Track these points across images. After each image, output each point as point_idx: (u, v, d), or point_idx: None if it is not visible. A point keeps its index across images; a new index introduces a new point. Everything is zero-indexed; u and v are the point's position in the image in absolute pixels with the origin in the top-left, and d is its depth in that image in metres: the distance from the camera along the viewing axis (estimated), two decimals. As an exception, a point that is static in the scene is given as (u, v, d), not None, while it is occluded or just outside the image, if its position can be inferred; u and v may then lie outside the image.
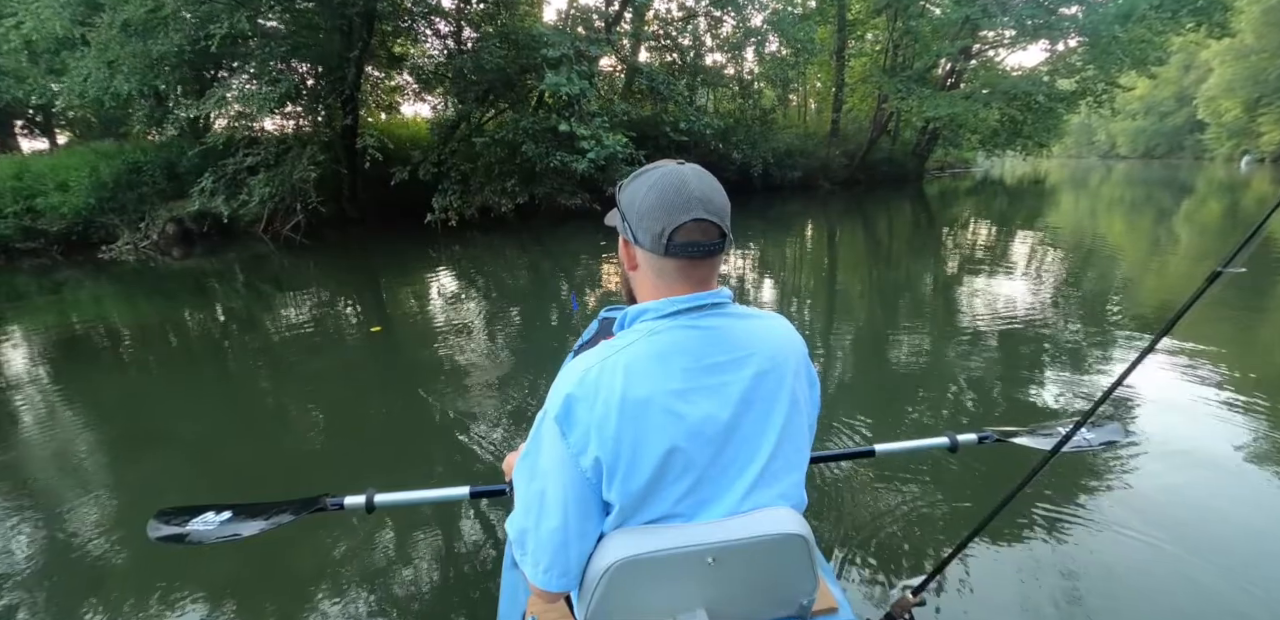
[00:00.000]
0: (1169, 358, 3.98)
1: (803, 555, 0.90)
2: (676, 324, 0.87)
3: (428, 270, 8.35)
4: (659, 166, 0.89)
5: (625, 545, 0.84)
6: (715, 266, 0.91)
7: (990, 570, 1.98)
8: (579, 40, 11.24)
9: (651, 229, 0.85)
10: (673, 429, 0.84)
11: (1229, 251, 0.90)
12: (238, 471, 2.98)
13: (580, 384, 0.83)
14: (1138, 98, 52.45)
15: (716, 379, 0.87)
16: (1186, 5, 18.98)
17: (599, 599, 0.86)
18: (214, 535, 1.22)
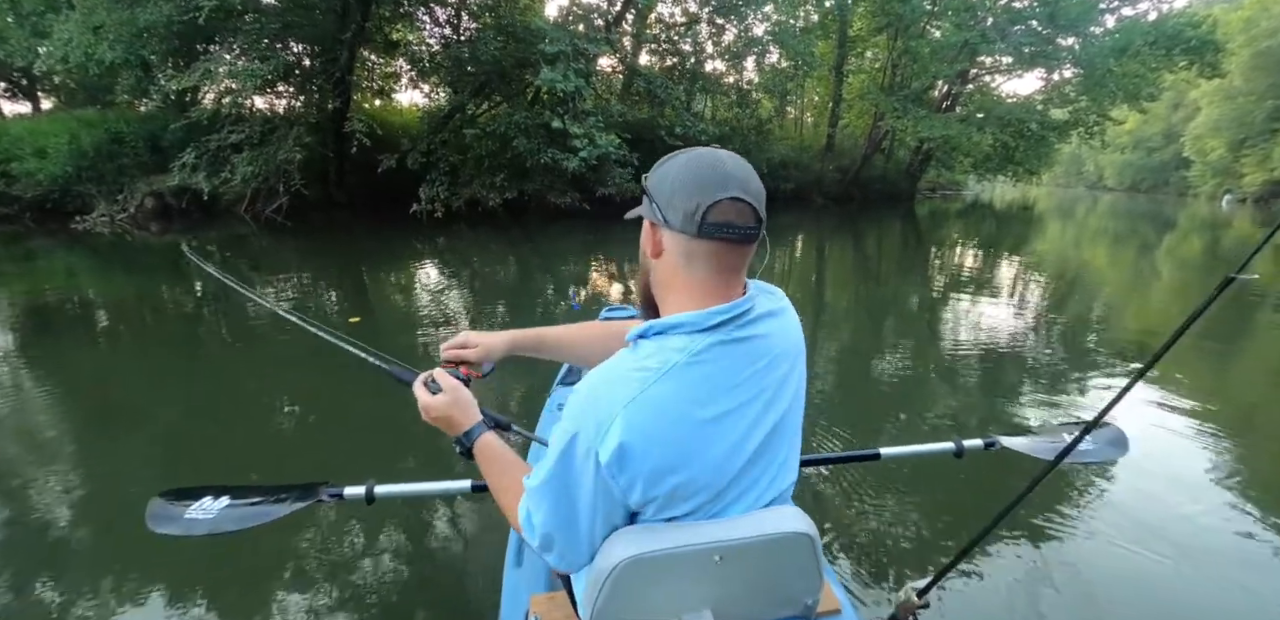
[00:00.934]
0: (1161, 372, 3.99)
1: (808, 554, 0.89)
2: (716, 340, 0.82)
3: (411, 261, 8.20)
4: (690, 149, 0.85)
5: (632, 543, 0.83)
6: (747, 257, 0.86)
7: (995, 574, 1.98)
8: (578, 38, 11.15)
9: (684, 206, 0.79)
10: (718, 454, 0.82)
11: (1242, 259, 0.89)
12: (210, 456, 2.85)
13: (629, 429, 0.77)
14: (1127, 132, 53.32)
15: (754, 392, 0.84)
16: (1180, 44, 19.34)
17: (605, 597, 0.84)
18: (211, 527, 1.20)
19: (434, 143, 10.45)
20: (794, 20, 17.68)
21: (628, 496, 0.81)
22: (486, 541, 2.15)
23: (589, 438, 0.79)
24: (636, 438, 0.77)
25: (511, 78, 11.41)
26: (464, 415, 1.03)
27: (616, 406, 0.78)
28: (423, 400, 1.05)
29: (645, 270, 0.92)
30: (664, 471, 0.79)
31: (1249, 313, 6.63)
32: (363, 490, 1.27)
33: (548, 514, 0.85)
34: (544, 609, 1.13)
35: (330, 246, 8.95)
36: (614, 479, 0.79)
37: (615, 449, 0.77)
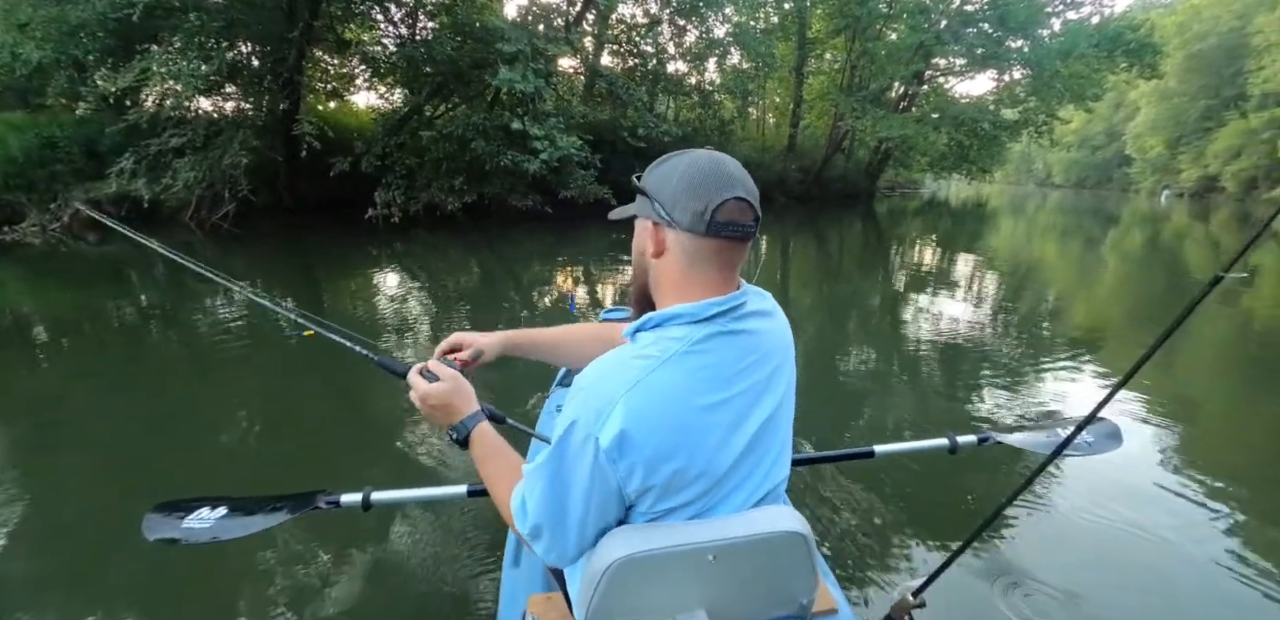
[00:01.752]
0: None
1: (803, 554, 0.88)
2: (713, 331, 0.83)
3: (368, 268, 7.77)
4: (688, 151, 0.86)
5: (626, 543, 0.82)
6: (745, 254, 0.87)
7: (991, 572, 1.95)
8: (537, 37, 10.79)
9: (693, 207, 0.81)
10: (715, 442, 0.82)
11: (1230, 257, 0.88)
12: (154, 479, 2.65)
13: (629, 415, 0.77)
14: (1073, 131, 54.86)
15: (748, 384, 0.85)
16: (1121, 46, 19.86)
17: (599, 598, 0.83)
18: (209, 535, 1.18)
19: (389, 146, 9.97)
20: (754, 22, 17.62)
21: (626, 484, 0.80)
22: (484, 543, 2.15)
23: (588, 424, 0.78)
24: (637, 423, 0.76)
25: (470, 78, 11.00)
26: (463, 403, 1.02)
27: (618, 392, 0.77)
28: (421, 388, 1.02)
29: (642, 270, 0.91)
30: (663, 457, 0.79)
31: (1222, 307, 6.62)
32: (359, 497, 1.26)
33: (540, 499, 0.83)
34: (541, 609, 1.13)
35: (282, 254, 8.46)
36: (613, 465, 0.78)
37: (616, 434, 0.76)
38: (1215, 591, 1.91)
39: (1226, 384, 3.91)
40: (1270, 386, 4.10)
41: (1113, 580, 1.95)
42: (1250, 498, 2.45)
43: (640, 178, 0.89)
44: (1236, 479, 2.60)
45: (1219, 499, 2.43)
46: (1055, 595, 1.87)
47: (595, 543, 0.85)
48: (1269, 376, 4.34)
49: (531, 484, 0.85)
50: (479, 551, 2.12)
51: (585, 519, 0.82)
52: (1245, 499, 2.44)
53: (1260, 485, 2.58)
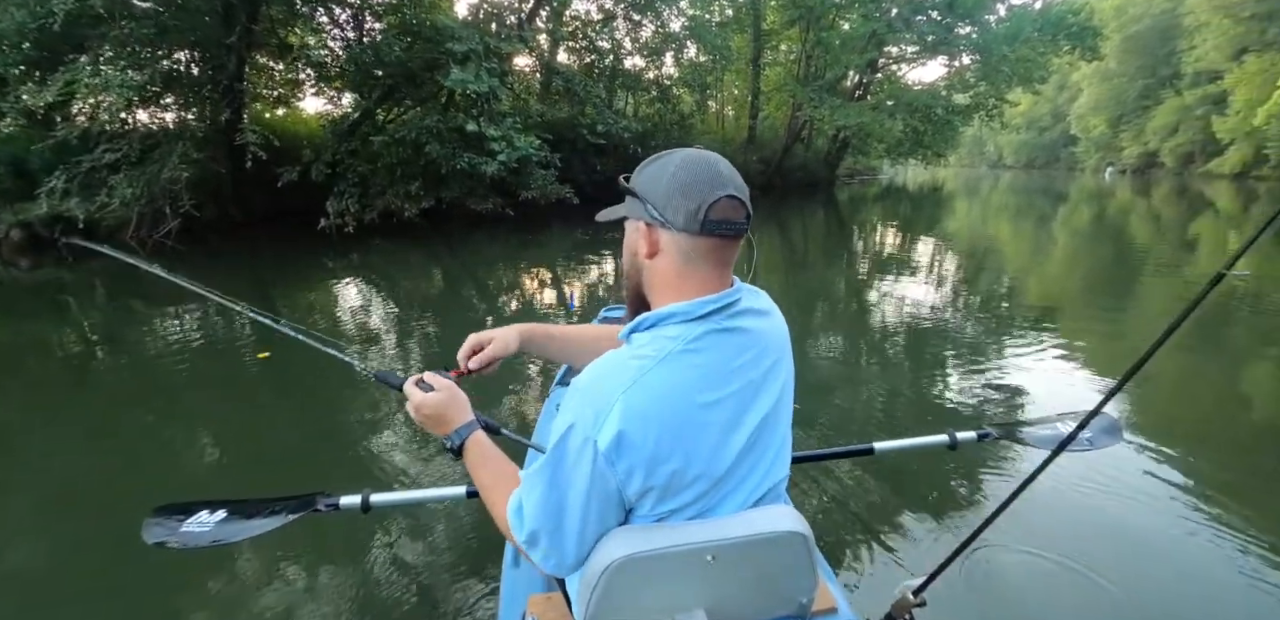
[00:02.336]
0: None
1: (802, 553, 0.87)
2: (708, 328, 0.81)
3: (325, 281, 7.33)
4: (675, 151, 0.84)
5: (625, 543, 0.80)
6: (737, 251, 0.86)
7: (993, 571, 1.91)
8: (489, 36, 10.39)
9: (686, 206, 0.79)
10: (714, 441, 0.81)
11: (1232, 255, 0.87)
12: (102, 518, 2.45)
13: (626, 416, 0.75)
14: (1020, 113, 55.81)
15: (744, 382, 0.83)
16: (1063, 30, 20.16)
17: (599, 598, 0.81)
18: (209, 538, 1.16)
19: (340, 153, 9.47)
20: (709, 15, 17.38)
21: (626, 486, 0.78)
22: (484, 544, 2.11)
23: (586, 427, 0.77)
24: (635, 424, 0.75)
25: (422, 80, 10.52)
26: (458, 412, 1.01)
27: (615, 394, 0.76)
28: (416, 399, 1.01)
29: (636, 270, 0.89)
30: (662, 458, 0.77)
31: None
32: (358, 499, 1.24)
33: (538, 503, 0.81)
34: (541, 609, 1.12)
35: (232, 271, 7.97)
36: (612, 467, 0.76)
37: (614, 435, 0.75)
38: (1222, 589, 1.85)
39: (1221, 374, 3.83)
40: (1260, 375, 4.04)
41: (1116, 578, 1.89)
42: (1252, 493, 2.39)
43: (629, 179, 0.87)
44: (1237, 474, 2.54)
45: (1222, 494, 2.36)
46: (1058, 593, 1.82)
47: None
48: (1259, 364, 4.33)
49: (529, 488, 0.82)
50: (479, 552, 2.09)
51: (584, 524, 0.80)
52: (1247, 495, 2.37)
53: (1261, 481, 2.53)
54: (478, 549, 2.11)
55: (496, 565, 1.40)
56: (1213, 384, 3.72)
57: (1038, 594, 1.84)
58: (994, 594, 1.82)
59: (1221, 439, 2.95)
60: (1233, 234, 12.30)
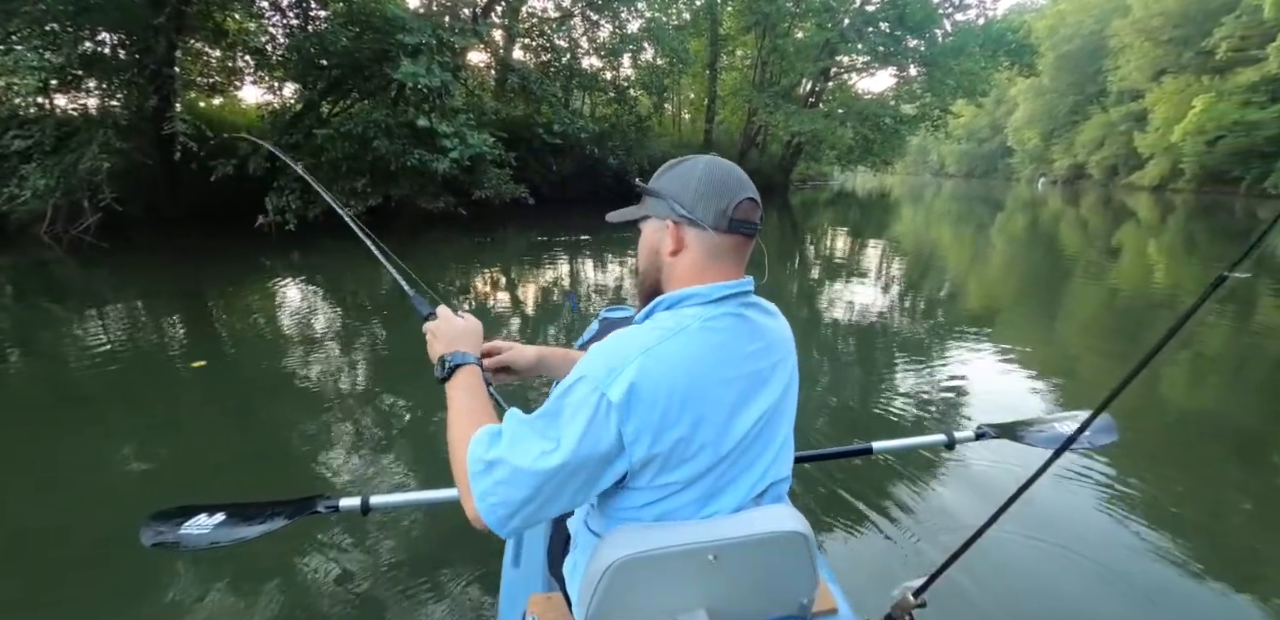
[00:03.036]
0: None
1: (803, 553, 0.86)
2: (724, 311, 0.84)
3: (264, 282, 6.78)
4: (696, 156, 0.90)
5: (626, 544, 0.80)
6: (750, 250, 0.91)
7: (994, 571, 1.87)
8: (442, 29, 9.92)
9: (716, 205, 0.85)
10: (722, 418, 0.81)
11: (1235, 257, 0.87)
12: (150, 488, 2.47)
13: (642, 372, 0.75)
14: (961, 125, 57.83)
15: (753, 369, 0.85)
16: (1003, 47, 20.81)
17: (600, 598, 0.81)
18: (207, 540, 1.13)
19: (281, 146, 8.84)
20: (667, 18, 17.19)
21: (632, 450, 0.76)
22: (484, 544, 2.01)
23: (598, 379, 0.76)
24: (649, 382, 0.75)
25: (370, 73, 9.96)
26: (471, 341, 1.01)
27: (633, 353, 0.77)
28: (444, 315, 1.04)
29: (656, 267, 0.91)
30: (670, 422, 0.77)
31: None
32: (358, 501, 1.22)
33: (522, 435, 0.77)
34: (541, 609, 1.11)
35: (161, 270, 7.32)
36: (623, 424, 0.75)
37: (626, 390, 0.74)
38: (1222, 588, 1.83)
39: (1214, 374, 3.91)
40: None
41: (1118, 578, 1.87)
42: (1252, 489, 2.37)
43: (647, 182, 0.92)
44: (1237, 469, 2.52)
45: (1223, 492, 2.33)
46: (1059, 593, 1.80)
47: (549, 519, 0.80)
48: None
49: (517, 422, 0.80)
50: (478, 552, 2.05)
51: (556, 477, 0.74)
52: (1247, 493, 2.35)
53: (1263, 475, 2.53)
54: (477, 550, 2.07)
55: (496, 565, 1.40)
56: (1208, 379, 3.78)
57: (1038, 595, 1.81)
58: (995, 595, 1.79)
59: (1221, 434, 2.93)
60: (1152, 242, 13.33)
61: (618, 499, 0.85)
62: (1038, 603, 1.79)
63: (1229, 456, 2.73)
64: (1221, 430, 3.07)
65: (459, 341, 1.00)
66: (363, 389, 3.70)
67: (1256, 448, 2.94)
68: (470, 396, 0.92)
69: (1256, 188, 33.84)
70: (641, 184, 0.92)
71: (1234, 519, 2.19)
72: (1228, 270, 0.89)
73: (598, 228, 11.85)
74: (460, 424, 0.87)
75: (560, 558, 1.07)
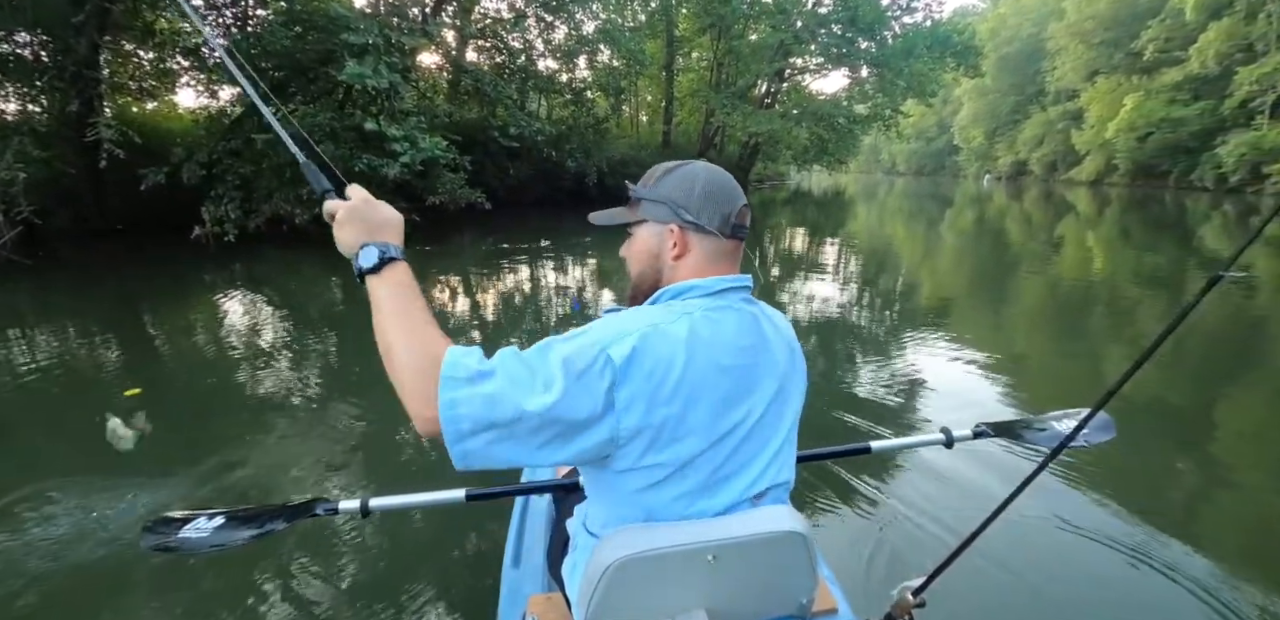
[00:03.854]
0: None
1: (802, 553, 0.86)
2: (725, 303, 0.85)
3: (206, 297, 6.25)
4: (688, 162, 0.91)
5: (625, 544, 0.79)
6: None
7: (993, 570, 1.86)
8: (390, 28, 9.44)
9: (721, 211, 0.87)
10: (715, 403, 0.79)
11: (1228, 257, 0.86)
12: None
13: (646, 340, 0.75)
14: (911, 124, 59.06)
15: (751, 362, 0.84)
16: (950, 48, 21.08)
17: (599, 598, 0.80)
18: (207, 543, 1.11)
19: (218, 152, 8.24)
20: (622, 19, 16.88)
21: (623, 417, 0.74)
22: (484, 545, 2.07)
23: (604, 339, 0.75)
24: (651, 351, 0.75)
25: (315, 74, 9.43)
26: (397, 235, 0.88)
27: (641, 323, 0.77)
28: (360, 196, 0.89)
29: (655, 271, 0.91)
30: (664, 397, 0.75)
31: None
32: (357, 504, 1.19)
33: (508, 367, 0.72)
34: (541, 609, 1.12)
35: (90, 288, 6.71)
36: (617, 388, 0.73)
37: (629, 353, 0.73)
38: (1224, 588, 1.78)
39: (1207, 370, 3.86)
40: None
41: (1118, 576, 1.84)
42: (1252, 486, 2.31)
43: (643, 187, 0.92)
44: (1235, 467, 2.46)
45: (1221, 488, 2.27)
46: (1060, 593, 1.77)
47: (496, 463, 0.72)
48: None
49: (511, 354, 0.74)
50: (478, 553, 2.04)
51: (534, 419, 0.70)
52: (1247, 490, 2.29)
53: (1262, 471, 2.47)
54: (477, 550, 2.06)
55: (496, 566, 1.37)
56: (1205, 374, 3.71)
57: (1038, 593, 1.77)
58: (994, 594, 1.76)
59: (1220, 429, 2.87)
60: (1090, 234, 13.93)
61: (609, 483, 0.82)
62: (1037, 601, 1.75)
63: (1229, 454, 2.65)
64: (1222, 426, 3.00)
65: (385, 231, 0.86)
66: (318, 405, 3.41)
67: (1257, 445, 2.86)
68: (412, 296, 0.80)
69: (1184, 180, 35.36)
70: (639, 188, 0.92)
71: (1235, 518, 2.13)
72: (1223, 271, 0.86)
73: (557, 232, 11.51)
74: (406, 322, 0.76)
75: (560, 558, 1.06)
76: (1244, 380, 3.90)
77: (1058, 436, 1.26)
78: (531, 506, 1.57)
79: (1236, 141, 30.29)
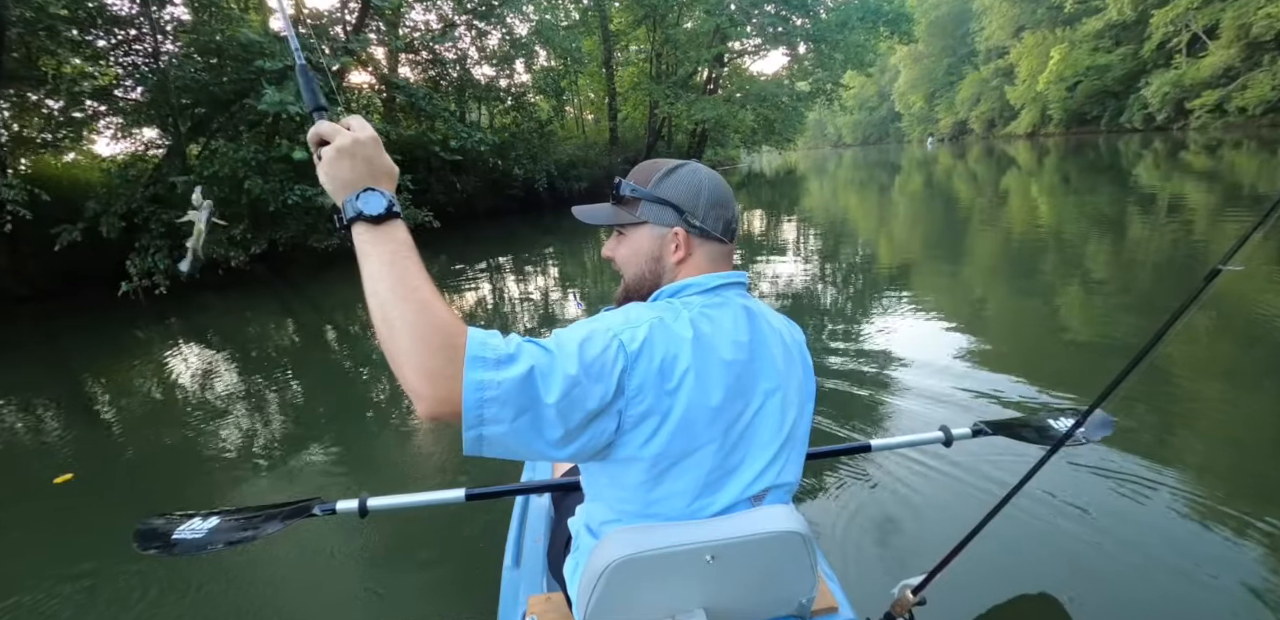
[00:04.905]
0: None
1: (801, 553, 0.83)
2: (720, 300, 0.83)
3: (143, 355, 5.60)
4: (688, 163, 0.89)
5: (625, 544, 0.77)
6: None
7: (992, 568, 1.76)
8: (308, 50, 8.73)
9: (723, 216, 0.87)
10: (718, 398, 0.77)
11: (1228, 250, 0.84)
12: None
13: (654, 331, 0.74)
14: (852, 96, 59.07)
15: (748, 357, 0.81)
16: (882, 17, 20.83)
17: (598, 598, 0.78)
18: (203, 544, 1.09)
19: (138, 200, 7.50)
20: (555, 19, 16.17)
21: (631, 404, 0.72)
22: (484, 545, 1.96)
23: (615, 328, 0.73)
24: (659, 342, 0.74)
25: (236, 107, 8.72)
26: (389, 172, 0.76)
27: (648, 316, 0.76)
28: (363, 126, 0.74)
29: (655, 274, 0.89)
30: (671, 389, 0.73)
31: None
32: (355, 504, 1.19)
33: (529, 351, 0.67)
34: (541, 610, 1.08)
35: (21, 360, 6.02)
36: (628, 375, 0.71)
37: (642, 341, 0.72)
38: (1224, 586, 1.70)
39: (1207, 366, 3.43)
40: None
41: (1118, 573, 1.77)
42: (1251, 485, 2.19)
43: (641, 186, 0.88)
44: (1235, 465, 2.33)
45: (1220, 486, 2.15)
46: (1058, 590, 1.71)
47: (510, 451, 0.68)
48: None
49: (526, 338, 0.70)
50: (478, 553, 1.95)
51: (555, 406, 0.66)
52: (1246, 487, 2.17)
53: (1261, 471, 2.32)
54: (476, 550, 1.99)
55: (496, 566, 1.32)
56: (1205, 368, 3.33)
57: (1037, 590, 1.72)
58: (994, 592, 1.71)
59: (1219, 424, 2.68)
60: (1034, 184, 14.27)
61: (610, 476, 0.80)
62: (1037, 599, 1.69)
63: (1230, 452, 2.48)
64: (1222, 423, 2.74)
65: (387, 180, 0.74)
66: (282, 463, 2.99)
67: (1257, 442, 2.59)
68: (415, 259, 0.70)
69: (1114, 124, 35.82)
70: (638, 187, 0.88)
71: (1236, 516, 1.99)
72: (1221, 264, 0.85)
73: (514, 243, 10.95)
74: (410, 289, 0.66)
75: (561, 558, 1.03)
76: (1249, 372, 3.56)
77: (1055, 435, 1.25)
78: (531, 506, 1.52)
79: (1159, 81, 30.64)
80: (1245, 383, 3.10)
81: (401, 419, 3.37)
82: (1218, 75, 27.54)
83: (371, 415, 3.55)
